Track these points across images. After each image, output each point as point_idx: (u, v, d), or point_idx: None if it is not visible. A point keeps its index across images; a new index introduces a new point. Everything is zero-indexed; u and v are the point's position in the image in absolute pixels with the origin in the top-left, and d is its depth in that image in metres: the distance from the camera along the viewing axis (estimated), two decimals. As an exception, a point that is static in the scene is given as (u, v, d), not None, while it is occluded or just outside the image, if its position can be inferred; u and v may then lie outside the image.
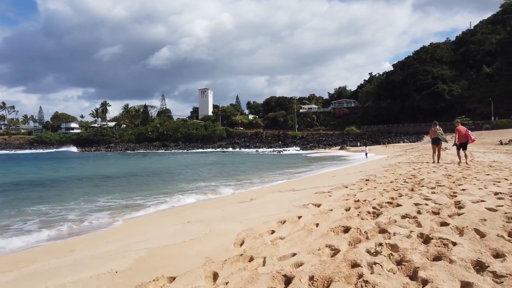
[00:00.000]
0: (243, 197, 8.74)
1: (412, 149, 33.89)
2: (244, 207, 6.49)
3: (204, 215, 5.77)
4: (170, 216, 6.43)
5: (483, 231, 3.56)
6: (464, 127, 13.26)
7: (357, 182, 7.53)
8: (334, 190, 6.44)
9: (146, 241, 4.22)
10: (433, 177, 7.85)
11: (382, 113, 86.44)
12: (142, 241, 4.28)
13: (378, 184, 6.83)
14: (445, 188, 5.95)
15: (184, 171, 24.03)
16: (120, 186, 15.11)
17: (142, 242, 4.20)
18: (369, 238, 3.54)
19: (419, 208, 4.45)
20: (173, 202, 9.61)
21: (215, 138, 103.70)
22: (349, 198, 5.27)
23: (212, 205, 7.84)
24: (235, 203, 7.72)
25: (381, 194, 5.51)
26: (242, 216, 4.93)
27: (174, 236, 4.31)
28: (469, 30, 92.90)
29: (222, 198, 9.59)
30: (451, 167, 11.03)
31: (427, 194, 5.36)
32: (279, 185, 11.47)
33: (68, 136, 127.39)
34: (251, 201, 7.54)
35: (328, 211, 4.59)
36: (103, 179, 19.56)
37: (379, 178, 7.98)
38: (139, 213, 7.90)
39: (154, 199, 10.59)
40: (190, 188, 13.59)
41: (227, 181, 16.45)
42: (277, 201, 6.66)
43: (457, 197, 5.11)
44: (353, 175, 10.46)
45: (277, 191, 9.23)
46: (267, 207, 5.54)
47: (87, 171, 27.17)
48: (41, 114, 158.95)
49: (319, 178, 12.47)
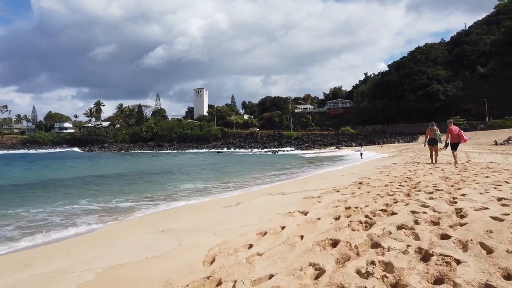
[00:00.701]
0: (231, 201, 8.25)
1: (407, 150, 33.60)
2: (227, 212, 6.00)
3: (183, 223, 5.27)
4: (147, 224, 5.92)
5: (490, 246, 3.11)
6: (457, 127, 13.12)
7: (349, 186, 7.07)
8: (324, 195, 5.96)
9: (108, 255, 3.73)
10: (430, 180, 7.42)
11: (377, 113, 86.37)
12: (104, 255, 3.78)
13: (372, 188, 6.36)
14: (443, 193, 5.50)
15: (175, 172, 23.46)
16: (105, 188, 14.53)
17: (102, 257, 3.70)
18: (360, 255, 3.07)
19: (416, 217, 3.99)
20: (157, 207, 9.08)
21: (210, 138, 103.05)
22: (340, 205, 4.80)
23: (197, 210, 7.33)
24: (221, 207, 7.23)
25: (375, 200, 5.05)
26: (221, 226, 4.44)
27: (139, 250, 3.82)
28: (463, 31, 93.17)
29: (208, 202, 9.08)
30: (448, 168, 10.63)
31: (425, 200, 4.91)
32: (270, 188, 10.99)
33: (62, 136, 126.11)
34: (237, 205, 7.05)
35: (315, 220, 4.11)
36: (90, 180, 18.96)
37: (373, 181, 7.53)
38: (117, 219, 7.37)
39: (137, 203, 10.06)
40: (178, 191, 13.04)
41: (218, 183, 15.93)
42: (264, 205, 6.19)
43: (458, 203, 4.66)
44: (347, 177, 10.01)
45: (267, 194, 8.75)
46: (250, 214, 5.05)
47: (76, 172, 26.51)
48: (34, 113, 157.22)
49: (311, 180, 12.01)
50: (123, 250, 4.00)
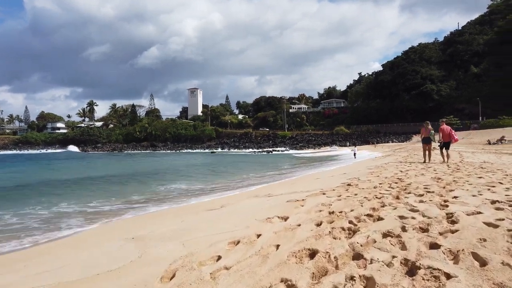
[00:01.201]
0: (216, 204, 7.89)
1: (400, 149, 33.47)
2: (207, 217, 5.65)
3: (157, 229, 4.90)
4: (120, 230, 5.55)
5: (484, 257, 2.79)
6: (448, 127, 13.15)
7: (337, 187, 6.75)
8: (309, 198, 5.63)
9: (61, 269, 3.37)
10: (421, 181, 7.12)
11: (371, 113, 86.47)
12: (57, 268, 3.42)
13: (360, 190, 6.04)
14: (434, 196, 5.19)
15: (166, 174, 23.01)
16: (90, 190, 14.08)
17: (54, 271, 3.34)
18: (339, 268, 2.73)
19: (404, 223, 3.66)
20: (137, 210, 8.66)
21: (204, 138, 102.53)
22: (323, 209, 4.47)
23: (178, 213, 6.97)
24: (204, 211, 6.87)
25: (361, 203, 4.72)
26: (194, 233, 4.07)
27: (96, 262, 3.46)
28: (457, 31, 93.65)
29: (193, 205, 8.70)
30: (440, 168, 10.36)
31: (414, 204, 4.59)
32: (259, 189, 10.63)
33: (54, 136, 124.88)
34: (220, 208, 6.70)
35: (295, 226, 3.78)
36: (78, 181, 18.49)
37: (362, 182, 7.21)
38: (92, 224, 6.97)
39: (119, 206, 9.65)
40: (165, 193, 12.60)
41: (208, 184, 15.55)
42: (246, 209, 5.85)
43: (449, 207, 4.35)
44: (337, 178, 9.69)
45: (254, 196, 8.41)
46: (228, 220, 4.70)
47: (65, 173, 25.96)
48: (27, 113, 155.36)
49: (301, 181, 11.69)
50: (78, 262, 3.63)
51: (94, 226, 6.56)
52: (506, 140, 39.34)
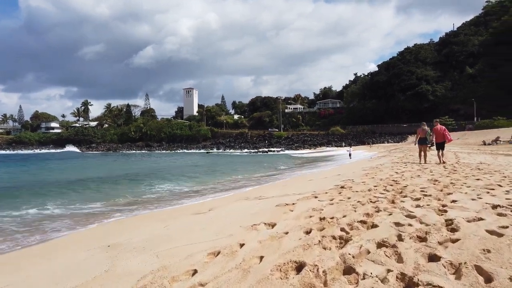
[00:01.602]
0: (204, 206, 7.57)
1: (396, 150, 33.32)
2: (191, 222, 5.33)
3: (136, 235, 4.57)
4: (98, 236, 5.21)
5: (489, 271, 2.51)
6: (442, 127, 13.09)
7: (330, 190, 6.45)
8: (300, 202, 5.32)
9: (22, 283, 3.03)
10: (417, 183, 6.85)
11: (367, 113, 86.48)
12: (19, 282, 3.08)
13: (354, 193, 5.75)
14: (432, 199, 4.91)
15: (158, 174, 22.61)
16: (78, 192, 13.67)
17: (16, 284, 3.00)
18: (327, 284, 2.43)
19: (400, 231, 3.37)
20: (123, 213, 8.29)
21: (200, 138, 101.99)
22: (314, 215, 4.17)
23: (163, 217, 6.63)
24: (190, 214, 6.55)
25: (354, 208, 4.43)
26: (173, 242, 3.74)
27: (58, 276, 3.13)
28: (452, 32, 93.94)
29: (180, 208, 8.37)
30: (437, 170, 10.12)
31: (411, 209, 4.30)
32: (250, 191, 10.32)
33: (48, 136, 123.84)
34: (207, 212, 6.38)
35: (282, 235, 3.47)
36: (64, 182, 18.05)
37: (356, 185, 6.92)
38: (74, 228, 6.62)
39: (104, 209, 9.28)
40: (155, 195, 12.21)
41: (201, 185, 15.20)
42: (233, 213, 5.54)
43: (448, 212, 4.06)
44: (330, 180, 9.41)
45: (245, 198, 8.10)
46: (211, 226, 4.38)
47: (56, 174, 25.48)
48: (21, 113, 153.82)
49: (294, 182, 11.39)
50: (43, 275, 3.30)
51: (71, 232, 6.21)
52: (501, 140, 39.38)
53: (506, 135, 44.40)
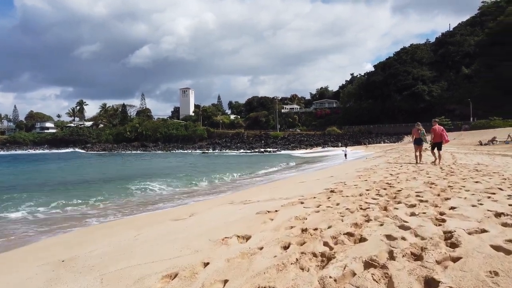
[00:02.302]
0: (185, 211, 7.08)
1: (392, 150, 32.95)
2: (164, 231, 4.83)
3: (99, 248, 4.07)
4: (52, 248, 4.68)
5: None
6: (441, 127, 13.00)
7: (319, 194, 5.98)
8: (283, 208, 4.84)
9: None
10: (412, 187, 6.39)
11: (363, 113, 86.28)
12: None
13: (343, 198, 5.27)
14: (428, 206, 4.45)
15: (148, 175, 22.05)
16: (55, 192, 13.08)
17: None
18: (299, 320, 1.97)
19: (391, 246, 2.90)
20: (96, 218, 7.75)
21: (196, 139, 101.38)
22: (296, 225, 3.69)
23: (139, 224, 6.13)
24: (168, 220, 6.06)
25: (342, 216, 3.96)
26: (124, 260, 3.23)
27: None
28: (448, 32, 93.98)
29: (159, 214, 7.85)
30: (433, 172, 9.68)
31: (405, 217, 3.83)
32: (237, 194, 9.83)
33: (43, 136, 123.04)
34: (186, 219, 5.89)
35: (255, 251, 2.99)
36: (49, 184, 17.48)
37: (347, 188, 6.45)
38: (39, 238, 6.08)
39: (73, 213, 8.69)
40: (138, 199, 11.56)
41: (188, 187, 14.66)
42: (210, 221, 5.06)
43: (446, 222, 3.60)
44: (322, 182, 8.94)
45: (230, 202, 7.61)
46: (179, 238, 3.88)
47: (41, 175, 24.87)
48: (15, 113, 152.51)
49: (285, 184, 10.90)
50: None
51: (34, 240, 5.69)
52: (498, 141, 39.16)
53: (502, 135, 44.22)
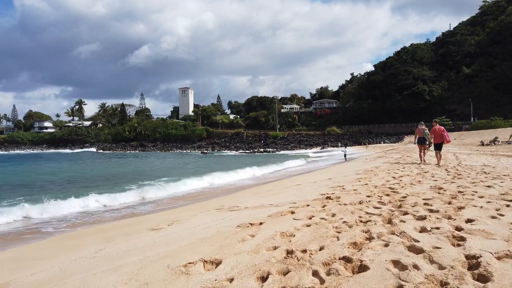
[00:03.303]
0: (167, 218, 6.40)
1: (392, 150, 32.23)
2: (130, 247, 4.15)
3: (34, 272, 3.39)
4: (7, 262, 4.02)
5: None
6: (441, 127, 12.87)
7: (314, 201, 5.28)
8: (269, 220, 4.14)
9: None
10: (418, 192, 5.70)
11: (363, 113, 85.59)
12: None
13: (341, 207, 4.57)
14: (441, 218, 3.76)
15: (140, 175, 21.33)
16: (30, 194, 12.35)
17: None
18: None
19: (401, 279, 2.21)
20: (60, 227, 6.96)
21: (195, 138, 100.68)
22: (281, 245, 3.00)
23: (109, 234, 5.45)
24: (144, 230, 5.38)
25: (338, 233, 3.26)
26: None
27: None
28: (448, 31, 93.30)
29: (140, 220, 7.16)
30: (439, 174, 8.99)
31: (414, 234, 3.14)
32: (226, 199, 9.13)
33: (41, 135, 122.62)
34: (163, 229, 5.22)
35: (222, 284, 2.30)
36: (30, 184, 16.75)
37: (346, 194, 5.75)
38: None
39: (36, 221, 7.94)
40: (120, 203, 10.84)
41: (178, 189, 13.91)
42: (187, 233, 4.38)
43: (467, 241, 2.90)
44: (319, 185, 8.26)
45: (218, 208, 6.94)
46: (134, 262, 3.19)
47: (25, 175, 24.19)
48: (14, 113, 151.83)
49: (279, 187, 10.19)
50: None
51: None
52: (500, 141, 38.49)
53: (504, 135, 43.57)
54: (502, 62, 71.26)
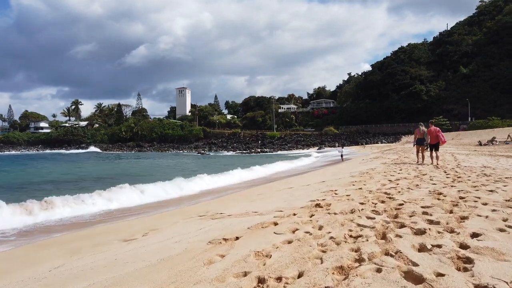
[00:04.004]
0: (144, 226, 5.91)
1: (389, 150, 31.82)
2: (86, 266, 3.67)
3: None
4: None
5: None
6: (437, 128, 12.87)
7: (302, 209, 4.79)
8: (247, 234, 3.61)
9: None
10: (416, 198, 5.23)
11: (360, 113, 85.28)
12: None
13: (330, 216, 4.07)
14: (443, 233, 3.28)
15: (128, 176, 20.79)
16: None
17: None
18: None
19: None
20: (23, 238, 6.37)
21: (192, 139, 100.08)
22: (252, 269, 2.50)
23: (75, 246, 4.95)
24: (116, 241, 4.89)
25: (322, 252, 2.77)
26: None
27: None
28: (446, 31, 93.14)
29: (117, 228, 6.65)
30: (437, 177, 8.54)
31: (413, 255, 2.66)
32: (213, 203, 8.63)
33: (37, 136, 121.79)
34: (135, 240, 4.72)
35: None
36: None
37: (337, 200, 5.26)
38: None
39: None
40: (95, 211, 10.26)
41: (166, 192, 13.39)
42: (148, 253, 3.90)
43: (475, 265, 2.43)
44: (311, 188, 7.78)
45: (201, 214, 6.45)
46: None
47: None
48: (10, 113, 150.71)
49: (271, 190, 9.69)
50: None
51: None
52: (497, 141, 38.18)
53: (501, 135, 43.28)
54: (499, 62, 71.12)
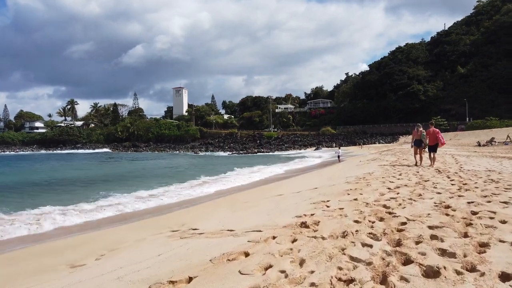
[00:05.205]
0: (110, 241, 5.11)
1: (387, 151, 31.08)
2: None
3: None
4: None
5: None
6: (436, 129, 12.63)
7: (284, 228, 3.96)
8: (203, 274, 2.70)
9: None
10: (421, 215, 4.43)
11: (357, 113, 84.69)
12: None
13: (317, 243, 3.23)
14: (462, 273, 2.49)
15: (114, 180, 19.97)
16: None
17: None
18: None
19: None
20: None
21: (188, 139, 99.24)
22: None
23: (14, 268, 4.15)
24: (60, 266, 4.07)
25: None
26: None
27: None
28: (443, 31, 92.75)
29: (73, 243, 5.85)
30: (441, 183, 7.76)
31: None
32: (193, 211, 7.83)
33: (32, 136, 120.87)
34: (85, 267, 3.92)
35: None
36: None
37: (328, 217, 4.42)
38: None
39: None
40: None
41: (150, 199, 12.60)
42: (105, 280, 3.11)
43: None
44: (301, 197, 6.99)
45: (174, 229, 5.66)
46: None
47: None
48: (6, 112, 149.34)
49: (257, 197, 8.83)
50: None
51: None
52: (496, 141, 37.60)
53: (500, 136, 42.71)
54: (497, 62, 70.72)
